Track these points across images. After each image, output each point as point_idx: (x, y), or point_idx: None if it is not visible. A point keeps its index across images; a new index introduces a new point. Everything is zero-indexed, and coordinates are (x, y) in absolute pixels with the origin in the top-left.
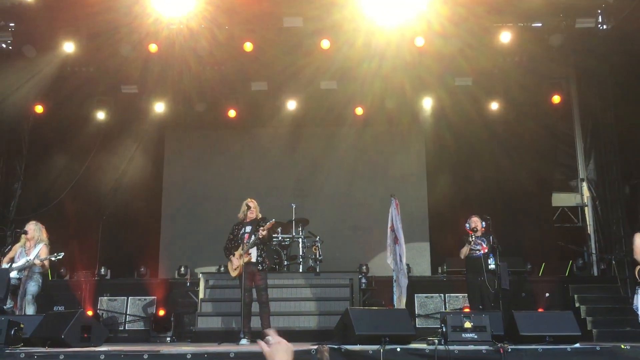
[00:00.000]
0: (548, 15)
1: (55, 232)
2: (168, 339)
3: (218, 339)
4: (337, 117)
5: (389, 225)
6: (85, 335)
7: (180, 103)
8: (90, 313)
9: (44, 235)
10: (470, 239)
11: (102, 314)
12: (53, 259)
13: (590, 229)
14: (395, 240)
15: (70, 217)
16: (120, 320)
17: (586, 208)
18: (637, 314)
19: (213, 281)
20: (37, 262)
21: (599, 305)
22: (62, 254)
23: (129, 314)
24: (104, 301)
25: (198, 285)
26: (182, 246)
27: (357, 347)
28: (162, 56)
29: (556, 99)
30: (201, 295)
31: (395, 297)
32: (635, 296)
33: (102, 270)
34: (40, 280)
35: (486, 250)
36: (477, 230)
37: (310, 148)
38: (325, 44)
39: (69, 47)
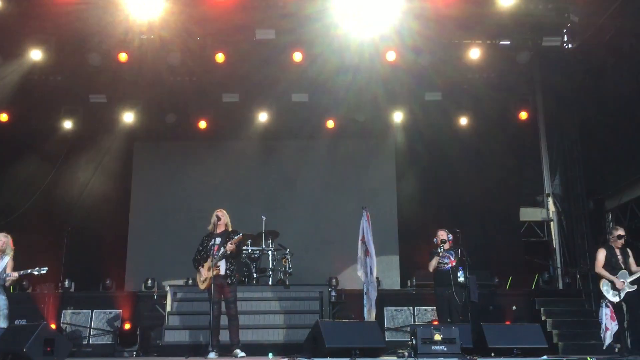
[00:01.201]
0: (515, 33)
1: (18, 243)
2: (134, 353)
3: (185, 352)
4: (308, 129)
5: (360, 237)
6: (49, 349)
7: (150, 113)
8: (53, 327)
9: (12, 247)
10: (439, 251)
11: (66, 327)
12: (36, 273)
13: (555, 243)
14: (366, 252)
15: (34, 228)
16: (84, 334)
17: (552, 222)
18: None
19: (181, 294)
20: (15, 274)
21: (564, 319)
22: (46, 268)
23: (93, 328)
24: (67, 314)
25: (165, 298)
26: (150, 258)
27: None
28: (133, 66)
29: (523, 115)
30: (168, 309)
31: (365, 310)
32: (601, 309)
33: (67, 282)
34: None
35: (454, 264)
36: (445, 242)
37: (282, 160)
38: (297, 56)
39: (36, 54)
